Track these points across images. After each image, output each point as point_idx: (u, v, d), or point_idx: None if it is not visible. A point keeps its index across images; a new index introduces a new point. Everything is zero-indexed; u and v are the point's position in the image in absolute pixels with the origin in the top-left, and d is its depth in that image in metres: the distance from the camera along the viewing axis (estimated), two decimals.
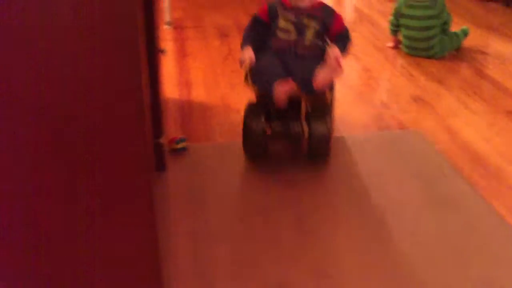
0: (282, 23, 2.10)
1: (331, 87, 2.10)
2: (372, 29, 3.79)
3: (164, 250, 1.36)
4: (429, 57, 3.20)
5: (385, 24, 3.46)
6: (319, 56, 2.04)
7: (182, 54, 3.27)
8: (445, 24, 3.20)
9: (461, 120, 2.50)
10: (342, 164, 2.12)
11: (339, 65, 1.97)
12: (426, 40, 3.16)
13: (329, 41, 2.12)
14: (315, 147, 2.05)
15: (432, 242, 1.72)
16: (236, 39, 2.09)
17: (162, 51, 2.00)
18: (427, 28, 3.15)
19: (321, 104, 2.11)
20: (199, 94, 2.73)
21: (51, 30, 0.99)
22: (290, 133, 2.06)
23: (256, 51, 2.08)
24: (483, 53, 3.34)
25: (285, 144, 2.23)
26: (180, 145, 2.17)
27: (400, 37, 3.32)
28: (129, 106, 1.07)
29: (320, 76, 1.97)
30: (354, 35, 2.27)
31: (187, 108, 2.58)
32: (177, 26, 3.75)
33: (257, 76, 2.04)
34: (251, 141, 2.06)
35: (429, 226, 1.79)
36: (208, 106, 2.60)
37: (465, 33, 3.31)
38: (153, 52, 1.84)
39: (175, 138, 2.19)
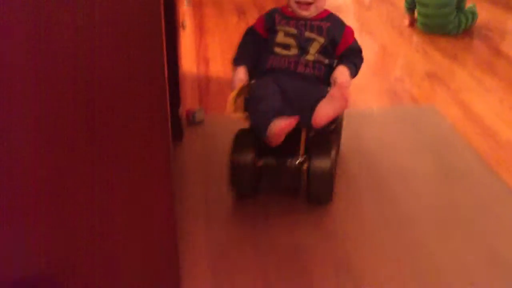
0: (280, 37, 1.78)
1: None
2: (389, 8, 3.80)
3: (179, 215, 1.42)
4: (444, 34, 3.21)
5: (401, 3, 3.48)
6: (324, 77, 1.75)
7: (200, 30, 3.33)
8: (461, 2, 3.22)
9: (474, 95, 2.53)
10: (355, 137, 2.16)
11: (345, 98, 1.65)
12: (442, 17, 3.18)
13: (336, 59, 1.80)
14: (315, 186, 1.72)
15: (441, 213, 1.76)
16: (254, 17, 2.10)
17: (182, 24, 2.04)
18: (443, 5, 3.16)
19: (324, 135, 1.77)
20: (216, 69, 2.79)
21: (82, 10, 1.05)
22: (286, 169, 1.73)
23: (251, 70, 1.79)
24: (499, 31, 3.36)
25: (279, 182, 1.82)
26: (197, 116, 2.23)
27: (416, 15, 3.35)
28: (151, 78, 1.13)
29: (321, 112, 1.61)
30: (371, 14, 2.25)
31: (205, 82, 2.64)
32: (196, 3, 3.79)
33: (252, 107, 1.68)
34: (239, 177, 1.73)
35: (439, 197, 1.83)
36: (225, 81, 2.64)
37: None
38: (172, 27, 1.89)
39: (193, 109, 2.25)
